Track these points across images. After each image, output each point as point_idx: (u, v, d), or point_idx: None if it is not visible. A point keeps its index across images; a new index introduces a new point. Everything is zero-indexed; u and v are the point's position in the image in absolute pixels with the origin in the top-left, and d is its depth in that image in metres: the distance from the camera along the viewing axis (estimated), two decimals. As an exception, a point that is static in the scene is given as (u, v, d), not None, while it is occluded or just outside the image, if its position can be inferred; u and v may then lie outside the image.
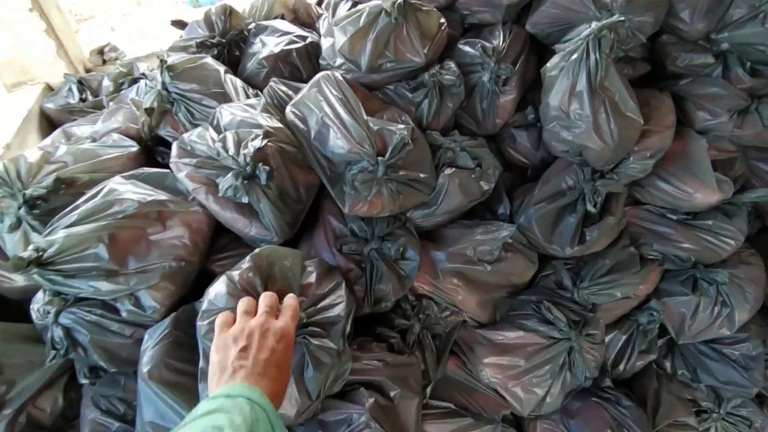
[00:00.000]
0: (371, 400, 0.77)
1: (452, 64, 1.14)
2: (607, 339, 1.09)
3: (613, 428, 0.91)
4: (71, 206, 0.86)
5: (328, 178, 0.93)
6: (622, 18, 1.11)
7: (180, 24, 1.48)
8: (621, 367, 1.10)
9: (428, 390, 0.91)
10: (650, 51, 1.40)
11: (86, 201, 0.86)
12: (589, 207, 1.05)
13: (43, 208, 0.90)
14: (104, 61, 1.97)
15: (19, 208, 0.88)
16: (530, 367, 0.94)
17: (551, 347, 0.95)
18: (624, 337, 1.10)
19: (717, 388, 1.13)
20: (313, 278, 0.80)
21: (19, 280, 0.98)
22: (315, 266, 0.82)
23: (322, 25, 1.34)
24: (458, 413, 0.92)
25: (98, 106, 1.49)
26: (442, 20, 1.18)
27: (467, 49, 1.19)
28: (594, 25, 1.10)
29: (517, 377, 0.94)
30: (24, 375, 0.92)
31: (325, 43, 1.15)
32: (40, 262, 0.76)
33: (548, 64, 1.15)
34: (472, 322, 1.02)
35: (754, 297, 1.08)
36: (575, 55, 1.08)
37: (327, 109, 0.96)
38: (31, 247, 0.78)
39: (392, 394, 0.81)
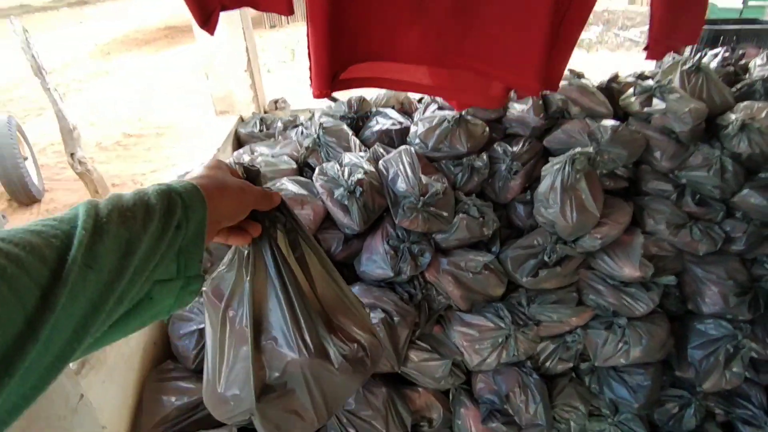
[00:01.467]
0: (383, 315, 1.42)
1: (484, 156, 1.83)
2: (542, 345, 1.63)
3: (520, 386, 1.45)
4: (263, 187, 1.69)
5: (392, 203, 1.65)
6: (591, 151, 1.73)
7: (332, 98, 2.36)
8: (547, 365, 1.59)
9: (417, 333, 1.54)
10: (634, 173, 1.97)
11: (269, 186, 1.68)
12: (546, 258, 1.63)
13: (248, 185, 1.75)
14: (276, 108, 2.96)
15: (238, 182, 1.74)
16: (480, 339, 1.51)
17: (496, 331, 1.52)
18: (553, 347, 1.61)
19: (615, 401, 1.58)
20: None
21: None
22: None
23: (415, 116, 2.12)
24: (429, 351, 1.51)
25: (270, 137, 2.39)
26: (485, 129, 1.89)
27: (498, 148, 1.87)
28: (576, 150, 1.74)
29: (471, 342, 1.52)
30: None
31: (412, 128, 1.91)
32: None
33: (543, 167, 1.80)
34: (455, 307, 1.64)
35: (649, 345, 1.54)
36: (557, 166, 1.71)
37: (400, 167, 1.70)
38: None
39: (395, 319, 1.45)
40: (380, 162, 1.70)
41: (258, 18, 12.61)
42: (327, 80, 0.92)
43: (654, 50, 1.08)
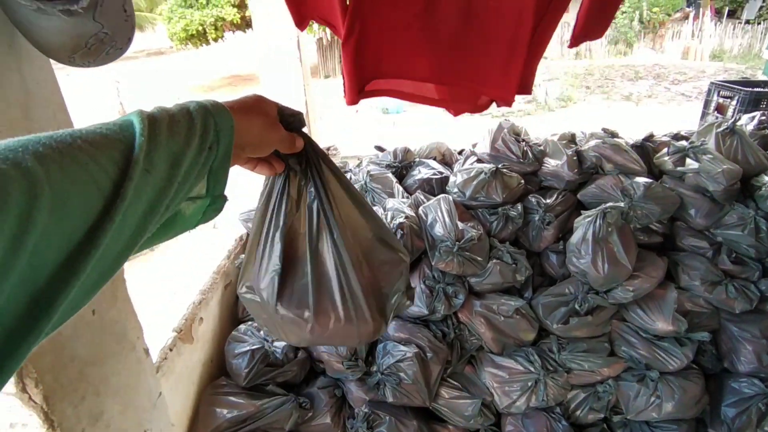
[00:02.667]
0: (416, 350, 1.53)
1: (519, 206, 1.95)
2: (572, 393, 1.66)
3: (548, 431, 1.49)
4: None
5: (429, 246, 1.79)
6: (622, 206, 1.82)
7: (380, 149, 2.58)
8: (577, 413, 1.62)
9: (448, 371, 1.63)
10: (669, 229, 2.01)
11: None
12: (577, 307, 1.70)
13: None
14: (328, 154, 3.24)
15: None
16: (510, 381, 1.58)
17: (526, 375, 1.58)
18: (583, 395, 1.64)
19: None
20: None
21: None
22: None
23: (455, 167, 2.29)
24: (459, 389, 1.59)
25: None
26: (521, 182, 2.02)
27: (532, 199, 1.99)
28: (607, 204, 1.84)
29: (502, 384, 1.58)
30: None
31: (452, 178, 2.08)
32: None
33: (576, 220, 1.89)
34: (487, 348, 1.72)
35: (682, 400, 1.54)
36: (589, 218, 1.81)
37: (439, 213, 1.85)
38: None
39: (428, 355, 1.55)
40: (420, 208, 1.86)
41: (314, 68, 13.56)
42: (356, 92, 1.25)
43: (573, 44, 1.30)
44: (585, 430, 1.64)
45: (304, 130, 0.68)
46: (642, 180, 1.89)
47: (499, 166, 1.92)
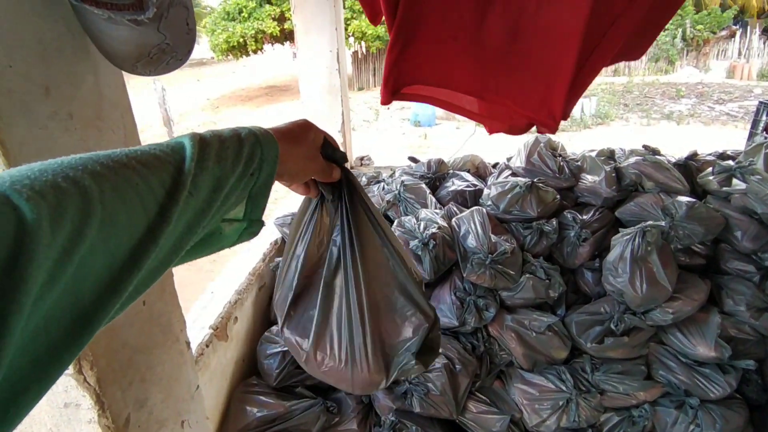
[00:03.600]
0: (446, 361, 1.53)
1: (554, 221, 1.93)
2: (606, 416, 1.61)
3: (580, 453, 1.44)
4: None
5: (461, 257, 1.79)
6: (663, 225, 1.77)
7: (413, 160, 2.61)
8: None
9: (477, 384, 1.61)
10: (713, 251, 1.94)
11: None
12: (613, 326, 1.65)
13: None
14: (362, 164, 3.29)
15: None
16: (540, 399, 1.55)
17: (557, 393, 1.54)
18: (617, 419, 1.58)
19: None
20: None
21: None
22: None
23: (489, 179, 2.29)
24: (488, 404, 1.57)
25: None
26: (557, 197, 1.99)
27: (568, 215, 1.96)
28: (647, 223, 1.79)
29: (531, 402, 1.55)
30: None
31: (486, 191, 2.08)
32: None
33: (614, 237, 1.85)
34: (517, 364, 1.69)
35: (723, 430, 1.48)
36: (628, 236, 1.76)
37: (472, 225, 1.85)
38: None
39: (457, 367, 1.54)
40: (453, 219, 1.87)
41: (349, 80, 13.80)
42: (391, 93, 1.26)
43: (609, 63, 1.23)
44: (618, 456, 1.58)
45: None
46: (685, 199, 1.84)
47: (535, 180, 1.90)
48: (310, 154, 0.61)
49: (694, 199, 1.85)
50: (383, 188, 2.35)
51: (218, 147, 0.45)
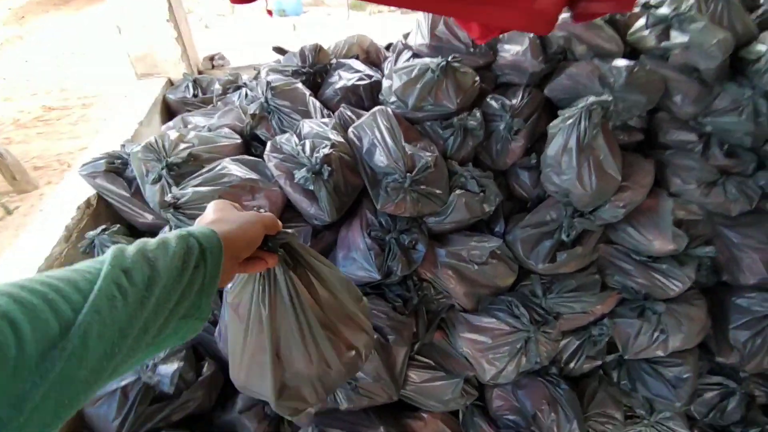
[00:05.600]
0: (375, 336, 1.09)
1: (478, 113, 1.46)
2: (564, 342, 1.36)
3: (549, 402, 1.17)
4: (197, 173, 1.25)
5: (370, 183, 1.26)
6: (609, 99, 1.40)
7: (280, 50, 1.88)
8: (571, 365, 1.33)
9: (416, 347, 1.22)
10: (648, 123, 1.66)
11: (207, 171, 1.24)
12: (564, 237, 1.32)
13: (177, 171, 1.29)
14: (213, 66, 2.43)
15: (162, 168, 1.28)
16: (494, 346, 1.22)
17: (513, 334, 1.22)
18: (577, 343, 1.34)
19: (651, 400, 1.35)
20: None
21: (149, 217, 1.38)
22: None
23: (386, 67, 1.70)
24: (435, 368, 1.20)
25: (207, 102, 1.91)
26: (476, 79, 1.50)
27: (492, 102, 1.50)
28: (589, 99, 1.40)
29: (483, 351, 1.22)
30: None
31: (385, 83, 1.50)
32: (175, 206, 1.15)
33: (551, 123, 1.45)
34: (459, 306, 1.32)
35: (689, 331, 1.30)
36: (570, 120, 1.37)
37: (377, 134, 1.30)
38: (170, 195, 1.17)
39: (389, 338, 1.11)
40: (350, 130, 1.30)
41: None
42: None
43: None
44: (580, 382, 1.34)
45: None
46: (623, 63, 1.47)
47: (449, 59, 1.37)
48: (250, 217, 0.61)
49: (632, 62, 1.48)
50: (246, 96, 1.65)
51: (144, 248, 0.47)
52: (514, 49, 1.55)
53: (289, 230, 0.66)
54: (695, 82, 1.51)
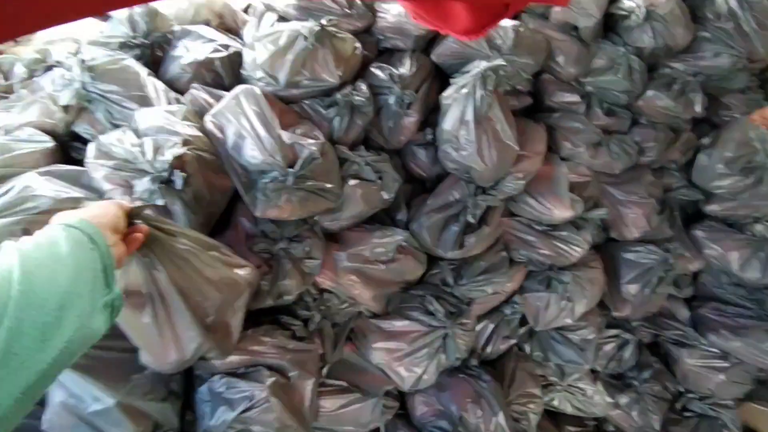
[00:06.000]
0: (272, 379, 0.88)
1: (363, 86, 1.26)
2: (479, 327, 1.30)
3: (474, 399, 1.11)
4: (-18, 200, 0.87)
5: (243, 185, 1.01)
6: (503, 63, 1.31)
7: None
8: (488, 349, 1.29)
9: (324, 370, 1.05)
10: (534, 86, 1.63)
11: (0, 195, 0.88)
12: (470, 219, 1.23)
13: (-51, 201, 0.90)
14: (16, 41, 1.84)
15: None
16: (411, 350, 1.09)
17: (430, 334, 1.11)
18: (492, 326, 1.29)
19: (562, 366, 1.38)
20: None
21: None
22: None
23: (247, 34, 1.40)
24: (349, 390, 1.04)
25: (8, 91, 1.42)
26: (357, 45, 1.29)
27: (378, 72, 1.31)
28: (482, 65, 1.29)
29: (400, 359, 1.10)
30: None
31: (248, 55, 1.22)
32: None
33: (444, 94, 1.31)
34: (368, 312, 1.17)
35: (591, 294, 1.33)
36: (465, 89, 1.25)
37: (244, 122, 1.04)
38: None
39: (291, 374, 0.91)
40: (207, 118, 1.03)
41: None
42: None
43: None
44: (497, 364, 1.30)
45: None
46: (508, 23, 1.37)
47: (324, 22, 1.14)
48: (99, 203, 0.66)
49: (517, 22, 1.39)
50: (61, 81, 1.24)
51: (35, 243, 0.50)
52: (394, 9, 1.37)
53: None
54: (575, 41, 1.48)
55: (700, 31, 1.53)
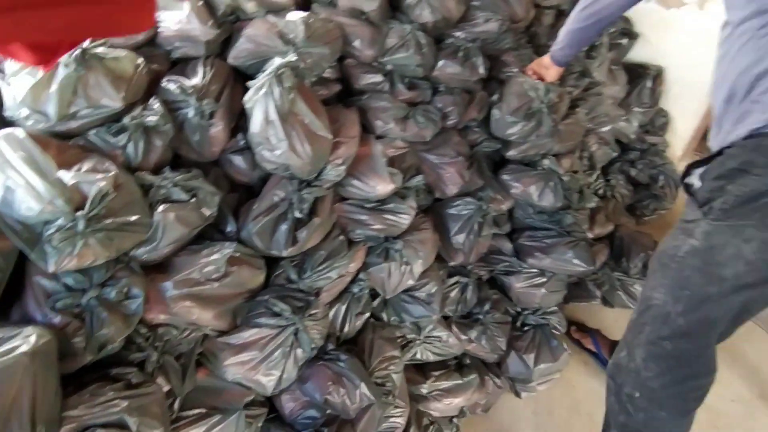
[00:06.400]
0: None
1: (156, 104, 1.18)
2: (332, 312, 1.38)
3: (334, 381, 1.19)
4: None
5: (25, 242, 0.90)
6: (295, 57, 1.34)
7: None
8: (345, 330, 1.39)
9: (176, 405, 1.03)
10: (341, 71, 1.70)
11: None
12: (297, 214, 1.27)
13: None
14: None
15: None
16: (265, 356, 1.11)
17: (280, 334, 1.14)
18: (344, 307, 1.38)
19: (416, 322, 1.54)
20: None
21: None
22: None
23: (4, 69, 1.22)
24: (208, 414, 1.03)
25: None
26: (139, 61, 1.20)
27: (169, 86, 1.25)
28: (275, 63, 1.31)
29: (256, 367, 1.11)
30: None
31: (6, 93, 1.07)
32: None
33: (245, 97, 1.32)
34: (214, 332, 1.17)
35: (425, 253, 1.48)
36: (263, 90, 1.26)
37: (10, 172, 0.92)
38: None
39: (134, 427, 0.88)
40: (-43, 178, 0.89)
41: None
42: None
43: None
44: (357, 339, 1.39)
45: None
46: (297, 16, 1.41)
47: (86, 44, 1.05)
48: None
49: (305, 12, 1.43)
50: None
51: None
52: (175, 16, 1.31)
53: None
54: (367, 24, 1.57)
55: (472, 2, 1.74)
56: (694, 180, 1.05)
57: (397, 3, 1.64)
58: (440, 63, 1.67)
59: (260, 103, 1.24)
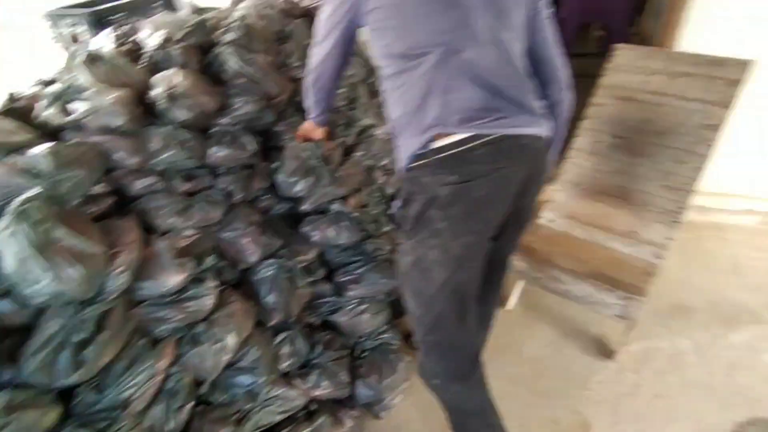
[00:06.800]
0: None
1: None
2: (150, 416, 1.37)
3: None
4: None
5: None
6: (38, 191, 1.37)
7: None
8: (169, 428, 1.37)
9: None
10: (115, 183, 1.75)
11: None
12: (74, 339, 1.28)
13: None
14: None
15: None
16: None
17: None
18: (161, 407, 1.34)
19: (249, 391, 1.62)
20: None
21: None
22: None
23: None
24: None
25: None
26: None
27: None
28: (14, 202, 1.33)
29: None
30: None
31: None
32: None
33: (-5, 246, 1.30)
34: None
35: (237, 324, 1.55)
36: (9, 230, 1.27)
37: None
38: None
39: None
40: None
41: None
42: None
43: None
44: (186, 430, 1.40)
45: None
46: (39, 150, 1.46)
47: None
48: None
49: (51, 143, 1.49)
50: None
51: None
52: None
53: None
54: (122, 137, 1.66)
55: (228, 90, 1.94)
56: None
57: (152, 109, 1.77)
58: (211, 150, 1.82)
59: (11, 244, 1.25)
